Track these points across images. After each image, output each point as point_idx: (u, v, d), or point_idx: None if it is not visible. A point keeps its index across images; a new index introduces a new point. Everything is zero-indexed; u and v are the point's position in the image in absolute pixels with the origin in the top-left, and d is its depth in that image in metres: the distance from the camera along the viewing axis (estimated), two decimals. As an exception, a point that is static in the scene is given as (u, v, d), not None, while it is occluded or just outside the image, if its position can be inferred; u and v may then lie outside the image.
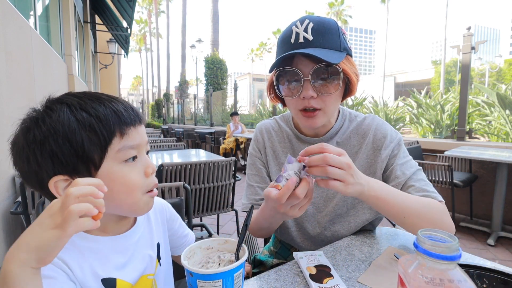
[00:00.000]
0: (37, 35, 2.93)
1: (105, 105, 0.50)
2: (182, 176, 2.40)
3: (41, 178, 0.48)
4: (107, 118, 0.48)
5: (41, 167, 0.47)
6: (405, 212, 0.69)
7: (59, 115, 0.47)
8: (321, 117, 0.79)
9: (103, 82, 12.68)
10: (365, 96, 6.80)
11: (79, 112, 0.47)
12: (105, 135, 0.48)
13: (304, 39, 0.72)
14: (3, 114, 1.82)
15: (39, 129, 0.46)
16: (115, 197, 0.50)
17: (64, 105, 0.48)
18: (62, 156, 0.46)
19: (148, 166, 0.54)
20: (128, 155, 0.51)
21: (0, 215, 1.72)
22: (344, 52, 0.75)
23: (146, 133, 0.57)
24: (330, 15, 42.41)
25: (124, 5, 7.09)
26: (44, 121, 0.47)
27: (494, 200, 2.85)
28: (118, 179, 0.50)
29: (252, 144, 0.99)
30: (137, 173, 0.52)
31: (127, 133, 0.50)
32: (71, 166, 0.47)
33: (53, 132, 0.46)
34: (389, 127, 0.88)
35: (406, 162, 0.83)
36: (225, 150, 6.77)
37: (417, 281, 0.37)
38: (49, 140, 0.46)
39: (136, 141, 0.52)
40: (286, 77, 0.78)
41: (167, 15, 38.46)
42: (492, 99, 4.56)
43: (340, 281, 0.63)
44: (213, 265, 0.56)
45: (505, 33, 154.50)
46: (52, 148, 0.46)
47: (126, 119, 0.51)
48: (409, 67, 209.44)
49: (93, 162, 0.48)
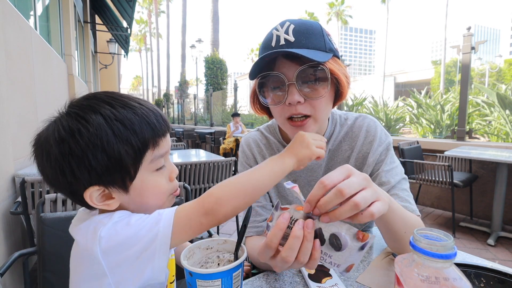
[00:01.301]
0: (37, 35, 2.94)
1: (138, 115, 0.49)
2: (182, 176, 2.41)
3: (76, 189, 0.48)
4: (142, 131, 0.49)
5: (77, 179, 0.47)
6: (406, 226, 0.64)
7: (96, 128, 0.46)
8: (312, 125, 0.72)
9: (103, 82, 12.68)
10: (365, 96, 6.79)
11: (115, 124, 0.47)
12: (140, 148, 0.49)
13: (285, 41, 0.67)
14: (3, 114, 1.82)
15: (76, 143, 0.45)
16: (145, 202, 0.52)
17: (99, 115, 0.47)
18: (100, 169, 0.46)
19: (173, 171, 0.56)
20: (159, 164, 0.52)
21: (0, 215, 1.73)
22: (330, 52, 0.69)
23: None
24: (330, 15, 42.44)
25: (124, 5, 7.10)
26: (81, 133, 0.45)
27: (494, 200, 2.86)
28: (150, 188, 0.52)
29: (241, 160, 0.92)
30: (164, 178, 0.54)
31: (158, 144, 0.51)
32: (107, 178, 0.48)
33: (91, 147, 0.45)
34: (380, 129, 0.84)
35: (392, 169, 0.80)
36: (225, 150, 6.77)
37: (413, 279, 0.37)
38: (88, 154, 0.45)
39: (165, 149, 0.53)
40: (269, 84, 0.71)
41: (167, 15, 38.48)
42: (492, 99, 4.56)
43: (338, 281, 0.64)
44: (212, 265, 0.56)
45: (505, 33, 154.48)
46: (91, 162, 0.46)
47: (159, 130, 0.51)
48: (409, 67, 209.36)
49: (129, 174, 0.49)
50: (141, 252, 0.45)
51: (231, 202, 0.49)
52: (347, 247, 0.43)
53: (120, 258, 0.45)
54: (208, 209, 0.48)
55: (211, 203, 0.48)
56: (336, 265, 0.45)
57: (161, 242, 0.46)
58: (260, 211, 0.85)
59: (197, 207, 0.49)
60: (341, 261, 0.44)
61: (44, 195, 1.18)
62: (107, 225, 0.46)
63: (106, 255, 0.45)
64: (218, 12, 18.26)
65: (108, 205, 0.49)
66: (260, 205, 0.86)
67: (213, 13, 18.01)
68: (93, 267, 0.46)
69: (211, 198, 0.49)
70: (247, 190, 0.52)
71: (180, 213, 0.49)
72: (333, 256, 0.45)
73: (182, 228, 0.48)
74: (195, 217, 0.48)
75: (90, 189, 0.47)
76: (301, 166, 0.60)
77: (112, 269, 0.45)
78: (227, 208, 0.49)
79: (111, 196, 0.50)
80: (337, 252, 0.44)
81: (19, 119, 2.17)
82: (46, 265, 0.93)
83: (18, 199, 1.76)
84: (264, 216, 0.85)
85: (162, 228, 0.46)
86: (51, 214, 0.95)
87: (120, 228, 0.46)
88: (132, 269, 0.46)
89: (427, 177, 3.09)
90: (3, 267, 0.91)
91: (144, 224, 0.47)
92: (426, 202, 3.95)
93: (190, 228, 0.48)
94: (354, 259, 0.44)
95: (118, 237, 0.45)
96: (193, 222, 0.48)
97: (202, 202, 0.49)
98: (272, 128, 0.93)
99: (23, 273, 1.06)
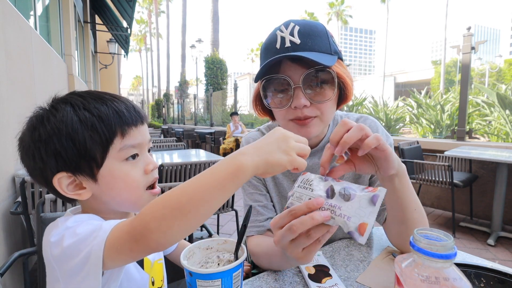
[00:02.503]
0: (37, 35, 2.94)
1: (107, 105, 0.51)
2: (182, 176, 2.41)
3: (46, 175, 0.50)
4: (109, 118, 0.49)
5: (46, 164, 0.48)
6: (417, 203, 0.66)
7: (63, 114, 0.48)
8: (317, 124, 0.71)
9: (103, 82, 12.68)
10: (365, 96, 6.79)
11: (82, 112, 0.49)
12: (107, 135, 0.49)
13: (290, 43, 0.66)
14: (3, 113, 1.82)
15: (44, 128, 0.48)
16: (117, 194, 0.52)
17: (68, 105, 0.49)
18: (65, 155, 0.48)
19: (149, 163, 0.55)
20: (129, 153, 0.52)
21: (0, 215, 1.73)
22: (335, 55, 0.69)
23: (148, 131, 0.58)
24: (330, 15, 42.43)
25: (124, 5, 7.10)
26: (48, 120, 0.48)
27: (494, 200, 2.86)
28: (119, 177, 0.51)
29: None
30: (137, 170, 0.53)
31: (128, 133, 0.51)
32: (73, 164, 0.49)
33: (57, 131, 0.47)
34: (381, 130, 0.85)
35: None
36: (225, 150, 6.77)
37: (413, 279, 0.37)
38: (53, 139, 0.47)
39: (138, 140, 0.53)
40: (273, 86, 0.70)
41: (167, 15, 38.47)
42: (492, 99, 4.56)
43: (338, 281, 0.64)
44: (212, 265, 0.56)
45: (505, 33, 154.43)
46: (56, 147, 0.47)
47: (128, 119, 0.51)
48: (409, 67, 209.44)
49: (95, 161, 0.49)
50: (82, 267, 0.41)
51: (162, 227, 0.38)
52: (356, 196, 0.44)
53: (66, 267, 0.43)
54: (137, 235, 0.39)
55: (139, 228, 0.39)
56: (346, 218, 0.43)
57: (94, 263, 0.41)
58: (262, 210, 0.85)
59: (128, 229, 0.41)
60: (351, 212, 0.43)
61: (44, 195, 1.18)
62: (59, 228, 0.46)
63: (56, 261, 0.44)
64: (218, 12, 18.25)
65: (79, 195, 0.50)
66: (261, 204, 0.86)
67: (213, 13, 18.01)
68: (52, 270, 0.46)
69: (140, 220, 0.39)
70: (182, 207, 0.38)
71: (115, 232, 0.42)
72: (343, 207, 0.44)
73: (112, 251, 0.41)
74: (124, 242, 0.40)
75: (58, 175, 0.49)
76: (268, 175, 0.44)
77: (62, 277, 0.44)
78: (158, 234, 0.38)
79: (82, 186, 0.51)
80: (347, 203, 0.44)
81: (19, 119, 2.16)
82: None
83: (18, 199, 1.76)
84: (265, 216, 0.84)
85: (96, 246, 0.41)
86: (51, 214, 0.95)
87: (67, 235, 0.44)
88: (77, 281, 0.43)
89: (427, 177, 3.09)
90: (3, 267, 0.91)
91: (86, 236, 0.42)
92: (426, 202, 3.95)
93: (119, 253, 0.41)
94: (365, 214, 0.42)
95: (63, 245, 0.43)
96: (123, 247, 0.40)
97: (131, 224, 0.40)
98: (272, 128, 0.92)
99: (23, 273, 1.07)
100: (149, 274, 0.60)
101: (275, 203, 0.89)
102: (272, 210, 0.88)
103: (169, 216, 0.38)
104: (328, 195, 0.47)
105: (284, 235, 0.47)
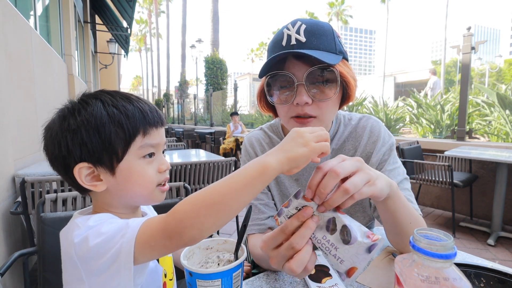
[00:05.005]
0: (37, 35, 2.94)
1: (133, 105, 0.54)
2: (182, 176, 2.41)
3: (68, 163, 0.52)
4: (134, 116, 0.53)
5: (70, 153, 0.51)
6: (411, 216, 0.65)
7: (93, 109, 0.51)
8: (316, 125, 0.68)
9: (103, 82, 12.67)
10: (365, 96, 6.79)
11: (111, 108, 0.52)
12: (131, 132, 0.52)
13: (296, 41, 0.67)
14: (3, 113, 1.82)
15: (74, 119, 0.51)
16: (132, 188, 0.54)
17: (99, 101, 0.53)
18: (91, 146, 0.51)
19: (163, 163, 0.58)
20: (147, 151, 0.55)
21: (0, 215, 1.73)
22: (340, 55, 0.70)
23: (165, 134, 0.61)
24: (330, 15, 42.42)
25: (124, 5, 7.10)
26: (79, 112, 0.51)
27: (494, 200, 2.86)
28: (136, 172, 0.54)
29: (244, 159, 0.91)
30: (152, 168, 0.56)
31: (149, 132, 0.55)
32: (96, 155, 0.51)
33: (86, 123, 0.50)
34: (383, 130, 0.85)
35: (395, 168, 0.81)
36: (225, 150, 6.77)
37: (412, 279, 0.37)
38: (81, 130, 0.50)
39: (156, 140, 0.56)
40: (277, 83, 0.72)
41: (167, 15, 38.49)
42: (492, 99, 4.56)
43: (338, 281, 0.64)
44: (212, 265, 0.56)
45: (505, 33, 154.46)
46: (83, 138, 0.50)
47: (151, 119, 0.55)
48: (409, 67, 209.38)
49: (117, 155, 0.52)
50: (110, 265, 0.44)
51: (196, 224, 0.41)
52: (356, 243, 0.42)
53: (93, 266, 0.45)
54: (171, 232, 0.42)
55: (173, 225, 0.42)
56: (339, 260, 0.43)
57: (125, 260, 0.44)
58: (263, 208, 0.85)
59: (162, 227, 0.44)
60: (346, 257, 0.43)
61: (44, 195, 1.18)
62: (81, 229, 0.47)
63: (82, 261, 0.46)
64: (218, 12, 18.25)
65: (94, 186, 0.53)
66: (262, 203, 0.86)
67: (213, 13, 18.01)
68: (74, 271, 0.47)
69: (174, 218, 0.43)
70: (215, 205, 0.42)
71: (145, 229, 0.45)
72: (339, 249, 0.44)
73: (145, 248, 0.44)
74: (159, 239, 0.43)
75: (80, 164, 0.51)
76: (295, 169, 0.46)
77: (88, 276, 0.46)
78: (193, 231, 0.41)
79: (99, 178, 0.53)
80: (345, 246, 0.43)
81: (19, 119, 2.17)
82: (46, 265, 0.93)
83: (18, 199, 1.76)
84: (266, 214, 0.85)
85: (126, 243, 0.43)
86: (51, 214, 0.95)
87: (92, 235, 0.46)
88: (103, 279, 0.46)
89: (427, 177, 3.09)
90: (3, 267, 0.91)
91: (113, 235, 0.45)
92: (426, 202, 3.95)
93: (153, 249, 0.44)
94: (358, 261, 0.42)
95: (89, 245, 0.45)
96: (157, 243, 0.44)
97: (165, 222, 0.44)
98: (275, 127, 0.93)
99: (23, 273, 1.07)
100: (162, 267, 0.62)
101: (277, 201, 0.89)
102: (274, 208, 0.88)
103: (202, 213, 0.42)
104: (328, 228, 0.45)
105: (285, 255, 0.46)
